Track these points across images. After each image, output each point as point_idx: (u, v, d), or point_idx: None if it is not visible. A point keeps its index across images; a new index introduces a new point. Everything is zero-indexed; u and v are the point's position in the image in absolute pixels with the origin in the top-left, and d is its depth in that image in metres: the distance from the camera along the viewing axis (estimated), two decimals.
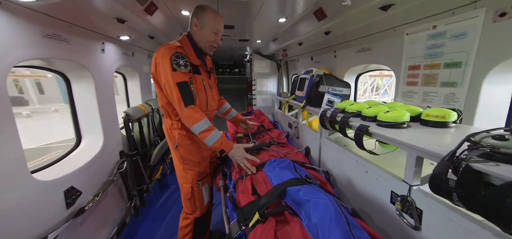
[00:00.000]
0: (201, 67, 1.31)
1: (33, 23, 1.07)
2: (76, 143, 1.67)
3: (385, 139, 0.77)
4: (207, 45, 1.26)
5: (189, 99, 1.14)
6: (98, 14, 1.43)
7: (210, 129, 1.17)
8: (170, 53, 1.13)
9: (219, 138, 1.19)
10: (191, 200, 1.36)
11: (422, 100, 1.19)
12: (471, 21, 0.91)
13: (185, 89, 1.14)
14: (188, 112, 1.14)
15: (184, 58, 1.16)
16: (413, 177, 0.71)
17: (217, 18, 1.25)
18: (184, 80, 1.14)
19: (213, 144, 1.17)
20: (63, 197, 1.23)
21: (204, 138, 1.16)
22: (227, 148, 1.20)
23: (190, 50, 1.25)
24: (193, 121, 1.14)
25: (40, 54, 1.15)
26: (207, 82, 1.34)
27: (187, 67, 1.17)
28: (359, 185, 1.00)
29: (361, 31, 1.66)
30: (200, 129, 1.15)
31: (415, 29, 1.19)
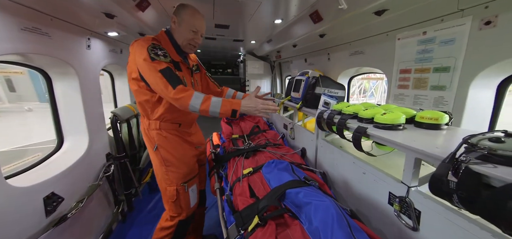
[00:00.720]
0: (182, 64, 1.22)
1: (9, 14, 0.97)
2: (57, 145, 1.54)
3: (384, 141, 0.79)
4: (185, 43, 1.19)
5: (176, 80, 1.03)
6: (83, 8, 1.34)
7: (208, 98, 1.05)
8: (146, 44, 1.05)
9: (223, 101, 1.06)
10: (176, 203, 1.27)
11: (413, 102, 1.24)
12: (459, 29, 0.96)
13: (170, 73, 1.03)
14: (179, 93, 1.01)
15: (162, 50, 1.09)
16: (411, 178, 0.72)
17: (196, 16, 1.18)
18: (167, 66, 1.04)
19: (220, 109, 1.04)
20: (43, 204, 1.12)
21: (208, 108, 1.04)
22: (237, 106, 1.06)
23: (168, 46, 1.17)
24: (187, 98, 1.01)
25: (17, 49, 1.04)
26: (189, 81, 1.25)
27: (166, 57, 1.08)
28: (357, 186, 1.02)
29: (354, 35, 1.71)
30: (198, 102, 1.03)
31: (407, 34, 1.24)
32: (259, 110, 1.07)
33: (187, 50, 1.24)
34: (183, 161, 1.27)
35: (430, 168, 0.95)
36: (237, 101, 1.08)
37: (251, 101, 1.08)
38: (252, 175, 1.25)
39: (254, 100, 1.09)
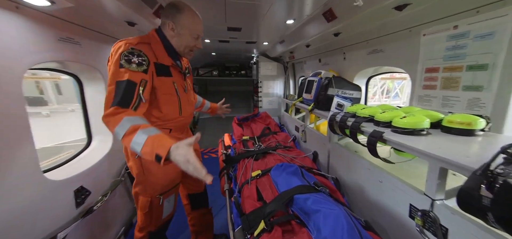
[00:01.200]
0: (173, 68, 1.10)
1: (48, 27, 1.11)
2: (87, 143, 1.71)
3: (403, 147, 0.71)
4: (184, 49, 1.10)
5: (121, 100, 0.84)
6: (109, 18, 1.47)
7: (134, 129, 0.80)
8: (124, 48, 0.92)
9: (149, 139, 0.78)
10: (147, 215, 1.14)
11: (442, 105, 1.11)
12: (499, 20, 0.83)
13: (124, 89, 0.85)
14: (109, 112, 0.83)
15: (140, 56, 0.93)
16: (436, 191, 0.64)
17: (198, 20, 1.09)
18: (129, 79, 0.87)
19: (142, 149, 0.78)
20: (73, 197, 1.25)
21: (129, 144, 0.79)
22: (163, 151, 0.75)
23: (159, 48, 1.04)
24: (114, 122, 0.81)
25: (55, 57, 1.19)
26: (181, 85, 1.14)
27: (140, 66, 0.91)
28: (373, 195, 0.94)
29: (373, 32, 1.60)
30: (122, 133, 0.80)
31: (434, 30, 1.12)
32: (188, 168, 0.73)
33: (186, 56, 1.17)
34: (167, 172, 1.12)
35: (461, 179, 0.83)
36: (166, 142, 0.77)
37: (183, 151, 0.74)
38: (260, 178, 1.23)
39: (187, 151, 0.74)
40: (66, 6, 1.04)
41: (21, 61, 0.96)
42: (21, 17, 0.95)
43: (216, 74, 6.56)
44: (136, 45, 0.95)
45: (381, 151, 0.87)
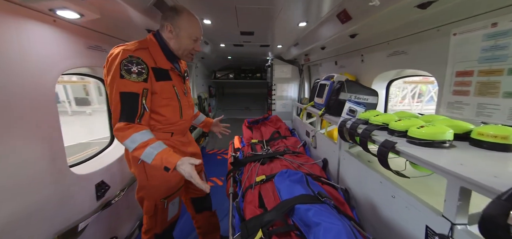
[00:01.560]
0: (172, 71, 1.10)
1: (79, 36, 1.25)
2: (109, 141, 1.88)
3: (417, 160, 0.63)
4: (185, 52, 1.10)
5: (126, 114, 0.92)
6: (131, 26, 1.61)
7: (144, 145, 0.91)
8: (123, 56, 0.92)
9: (158, 155, 0.92)
10: (152, 218, 1.17)
11: (476, 113, 0.96)
12: None
13: (128, 102, 0.92)
14: (120, 126, 0.91)
15: (139, 65, 0.94)
16: (456, 213, 0.55)
17: (196, 23, 1.09)
18: (131, 91, 0.92)
19: (152, 162, 0.92)
20: (95, 190, 1.38)
21: (140, 156, 0.92)
22: (170, 164, 0.91)
23: (157, 52, 1.05)
24: (123, 137, 0.91)
25: (85, 63, 1.34)
26: (180, 88, 1.15)
27: (140, 75, 0.94)
28: (385, 211, 0.85)
29: (394, 33, 1.47)
30: (133, 146, 0.91)
31: (467, 28, 0.98)
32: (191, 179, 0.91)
33: (185, 59, 1.16)
34: (169, 178, 1.13)
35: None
36: (173, 158, 0.92)
37: (187, 168, 0.91)
38: (264, 184, 1.21)
39: (190, 169, 0.91)
40: (93, 18, 1.17)
41: (56, 66, 1.10)
42: (57, 29, 1.10)
43: (232, 77, 6.72)
44: (134, 51, 0.95)
45: (395, 163, 0.78)
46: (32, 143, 0.97)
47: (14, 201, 0.89)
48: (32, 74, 0.96)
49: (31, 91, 0.96)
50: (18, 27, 0.89)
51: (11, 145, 0.87)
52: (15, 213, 0.89)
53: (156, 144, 0.94)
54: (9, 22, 0.85)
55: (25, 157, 0.93)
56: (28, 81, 0.94)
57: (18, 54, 0.89)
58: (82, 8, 1.01)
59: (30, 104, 0.95)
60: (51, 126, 1.08)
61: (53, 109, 1.09)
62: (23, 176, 0.93)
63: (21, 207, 0.92)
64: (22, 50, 0.91)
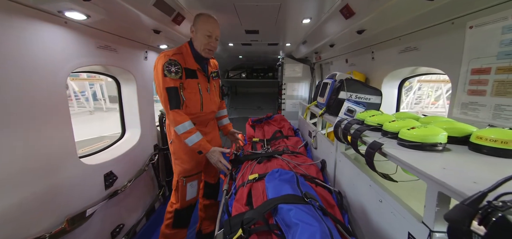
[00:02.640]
0: (199, 72, 1.40)
1: (89, 37, 1.36)
2: (121, 135, 2.03)
3: (400, 162, 0.57)
4: (202, 48, 1.34)
5: (174, 103, 1.27)
6: (140, 27, 1.71)
7: (191, 131, 1.29)
8: (164, 60, 1.26)
9: (199, 141, 1.31)
10: (176, 192, 1.49)
11: (493, 115, 0.84)
12: None
13: (173, 94, 1.26)
14: (172, 115, 1.27)
15: (176, 65, 1.27)
16: (435, 220, 0.49)
17: (209, 21, 1.33)
18: (173, 86, 1.26)
19: (193, 145, 1.30)
20: (103, 180, 1.50)
21: (185, 139, 1.29)
22: (204, 150, 1.33)
23: (189, 56, 1.36)
24: (176, 122, 1.28)
25: (95, 62, 1.46)
26: (204, 86, 1.43)
27: (177, 74, 1.27)
28: (373, 217, 0.79)
29: (404, 27, 1.35)
30: (182, 130, 1.28)
31: (484, 20, 0.87)
32: (216, 164, 1.36)
33: (205, 55, 1.37)
34: (187, 159, 1.45)
35: None
36: (208, 146, 1.34)
37: (214, 155, 1.35)
38: (256, 182, 1.20)
39: (218, 156, 1.35)
40: (100, 18, 1.27)
41: (67, 64, 1.21)
42: (68, 29, 1.21)
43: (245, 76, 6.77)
44: (171, 56, 1.29)
45: (386, 166, 0.72)
46: (45, 135, 1.08)
47: (28, 186, 1.01)
48: (44, 71, 1.07)
49: (44, 87, 1.07)
50: (33, 29, 1.00)
51: (24, 136, 0.98)
52: (28, 197, 1.00)
53: (197, 133, 1.32)
54: (24, 24, 0.96)
55: (39, 147, 1.05)
56: (41, 77, 1.05)
57: (31, 53, 1.00)
58: (88, 9, 1.10)
59: (42, 99, 1.06)
60: (62, 119, 1.19)
61: (64, 104, 1.20)
62: (35, 165, 1.04)
63: (36, 190, 1.04)
64: (36, 49, 1.02)
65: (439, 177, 0.44)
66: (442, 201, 0.48)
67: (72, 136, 1.25)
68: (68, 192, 1.22)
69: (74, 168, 1.27)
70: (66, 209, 1.21)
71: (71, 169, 1.24)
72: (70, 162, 1.24)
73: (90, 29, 1.35)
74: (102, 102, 9.76)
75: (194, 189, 1.53)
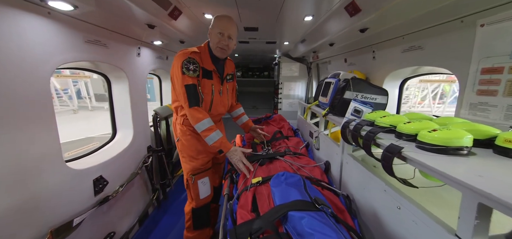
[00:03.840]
0: (214, 73, 1.38)
1: (76, 30, 1.24)
2: (111, 136, 1.90)
3: (427, 169, 0.53)
4: (215, 46, 1.32)
5: (194, 100, 1.25)
6: (132, 21, 1.60)
7: (211, 129, 1.26)
8: (183, 58, 1.25)
9: (219, 139, 1.28)
10: (188, 191, 1.49)
11: (505, 116, 0.83)
12: None
13: (192, 91, 1.25)
14: (192, 112, 1.26)
15: (195, 64, 1.26)
16: (473, 234, 0.46)
17: (222, 19, 1.31)
18: (192, 83, 1.25)
19: (213, 143, 1.27)
20: (92, 185, 1.39)
21: (205, 137, 1.26)
22: (225, 149, 1.29)
23: (206, 56, 1.35)
24: (196, 120, 1.26)
25: (82, 57, 1.33)
26: (217, 88, 1.41)
27: (195, 72, 1.26)
28: (389, 224, 0.75)
29: (408, 26, 1.33)
30: (202, 128, 1.26)
31: (497, 18, 0.85)
32: (237, 165, 1.29)
33: (218, 54, 1.34)
34: (194, 155, 1.43)
35: None
36: (229, 145, 1.31)
37: (236, 154, 1.29)
38: (260, 186, 1.14)
39: (240, 155, 1.30)
40: (88, 10, 1.15)
41: (51, 60, 1.09)
42: (52, 21, 1.09)
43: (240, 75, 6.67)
44: (190, 54, 1.28)
45: (402, 170, 0.69)
46: (25, 137, 0.97)
47: (7, 195, 0.90)
48: (25, 67, 0.95)
49: (26, 84, 0.96)
50: (11, 18, 0.89)
51: (3, 139, 0.87)
52: (8, 207, 0.89)
53: (217, 131, 1.29)
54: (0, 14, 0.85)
55: (18, 151, 0.93)
56: (22, 74, 0.94)
57: (10, 46, 0.89)
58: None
59: (24, 98, 0.95)
60: (46, 120, 1.07)
61: (48, 103, 1.08)
62: (16, 171, 0.93)
63: (13, 201, 0.92)
64: (15, 42, 0.91)
65: (480, 186, 0.40)
66: (483, 214, 0.44)
67: (57, 139, 1.13)
68: (52, 201, 1.10)
69: (59, 174, 1.15)
70: (50, 219, 1.09)
71: (56, 175, 1.13)
72: (55, 167, 1.12)
73: (77, 21, 1.23)
74: (87, 100, 9.32)
75: (207, 187, 1.51)
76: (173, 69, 1.30)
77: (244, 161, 1.28)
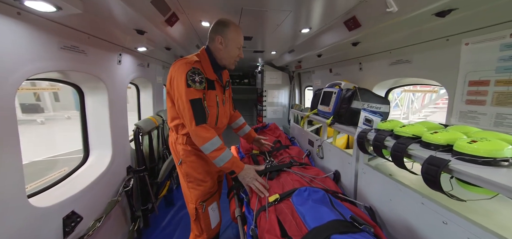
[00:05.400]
0: (217, 82, 1.26)
1: (50, 34, 0.99)
2: (83, 159, 1.55)
3: (493, 186, 0.52)
4: (231, 60, 1.24)
5: (200, 117, 1.10)
6: (118, 25, 1.37)
7: (221, 148, 1.12)
8: (187, 68, 1.10)
9: (231, 159, 1.15)
10: (197, 222, 1.30)
11: (494, 123, 0.96)
12: None
13: (198, 107, 1.10)
14: (199, 131, 1.10)
15: (200, 75, 1.13)
16: None
17: (240, 32, 1.24)
18: (198, 97, 1.11)
19: (224, 164, 1.13)
20: (61, 225, 1.08)
21: (215, 158, 1.12)
22: (237, 170, 1.15)
23: (207, 65, 1.21)
24: (204, 140, 1.10)
25: (56, 67, 1.07)
26: (221, 98, 1.29)
27: (202, 84, 1.13)
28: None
29: (398, 41, 1.48)
30: (211, 149, 1.11)
31: (480, 38, 0.99)
32: (251, 185, 1.14)
33: (230, 67, 1.27)
34: (204, 178, 1.28)
35: None
36: (241, 164, 1.17)
37: (249, 173, 1.16)
38: (279, 204, 1.06)
39: (253, 174, 1.16)
40: (73, 13, 0.93)
41: (16, 71, 0.83)
42: (22, 23, 0.84)
43: None
44: (194, 63, 1.13)
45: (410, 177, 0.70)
46: None
47: None
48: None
49: None
50: None
51: None
52: None
53: (227, 150, 1.16)
54: None
55: None
56: None
57: None
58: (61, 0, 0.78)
59: None
60: (8, 145, 0.80)
61: (12, 124, 0.82)
62: None
63: None
64: None
65: None
66: None
67: (21, 169, 0.85)
68: None
69: (21, 214, 0.86)
70: None
71: (17, 216, 0.84)
72: (15, 205, 0.83)
73: (53, 24, 0.99)
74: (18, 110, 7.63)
75: (216, 213, 1.34)
76: (174, 81, 1.12)
77: (259, 179, 1.16)
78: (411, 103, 9.98)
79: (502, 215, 0.71)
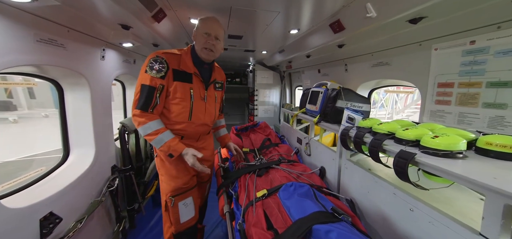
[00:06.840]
0: (195, 76, 1.25)
1: (25, 26, 0.94)
2: (62, 158, 1.48)
3: (448, 174, 0.61)
4: (200, 48, 1.22)
5: (144, 103, 1.11)
6: (101, 19, 1.32)
7: (157, 132, 1.13)
8: (152, 56, 1.15)
9: (167, 142, 1.14)
10: (166, 214, 1.32)
11: (458, 121, 1.06)
12: None
13: (145, 93, 1.11)
14: (136, 115, 1.13)
15: (162, 64, 1.13)
16: (500, 234, 0.53)
17: (208, 20, 1.24)
18: (150, 85, 1.11)
19: (161, 147, 1.15)
20: (38, 227, 1.03)
21: (152, 140, 1.14)
22: (175, 152, 1.15)
23: (187, 58, 1.24)
24: (138, 124, 1.13)
25: (32, 61, 1.01)
26: (198, 93, 1.27)
27: (159, 72, 1.13)
28: (402, 227, 0.82)
29: (379, 45, 1.57)
30: (145, 133, 1.14)
31: (447, 45, 1.09)
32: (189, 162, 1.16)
33: (204, 56, 1.23)
34: (177, 174, 1.26)
35: None
36: (180, 147, 1.16)
37: (190, 159, 1.15)
38: (267, 199, 1.10)
39: (193, 160, 1.15)
40: (51, 4, 0.89)
41: None
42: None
43: None
44: (162, 54, 1.16)
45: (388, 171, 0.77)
46: None
47: None
48: None
49: None
50: None
51: None
52: None
53: (166, 133, 1.16)
54: None
55: None
56: None
57: None
58: None
59: None
60: None
61: None
62: None
63: None
64: None
65: (506, 188, 0.48)
66: (507, 214, 0.51)
67: None
68: None
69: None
70: None
71: None
72: None
73: (28, 16, 0.93)
74: None
75: (190, 208, 1.32)
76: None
77: (196, 165, 1.15)
78: (395, 103, 10.56)
79: (460, 201, 0.80)
